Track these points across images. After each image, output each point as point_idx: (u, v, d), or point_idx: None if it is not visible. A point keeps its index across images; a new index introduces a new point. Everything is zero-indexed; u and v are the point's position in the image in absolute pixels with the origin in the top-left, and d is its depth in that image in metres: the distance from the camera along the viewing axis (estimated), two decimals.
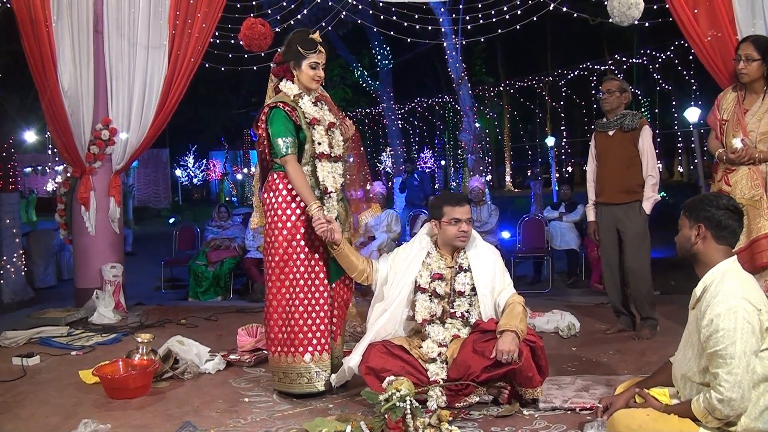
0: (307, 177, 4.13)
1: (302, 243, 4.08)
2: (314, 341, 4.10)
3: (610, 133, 5.49)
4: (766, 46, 4.68)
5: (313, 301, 4.12)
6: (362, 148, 4.68)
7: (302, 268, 4.10)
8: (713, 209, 2.87)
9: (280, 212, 4.11)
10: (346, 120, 4.48)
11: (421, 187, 11.85)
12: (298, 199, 4.07)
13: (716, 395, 2.66)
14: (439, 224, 4.02)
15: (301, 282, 4.10)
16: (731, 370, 2.63)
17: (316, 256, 4.13)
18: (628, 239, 5.39)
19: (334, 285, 4.23)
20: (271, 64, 4.38)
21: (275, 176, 4.15)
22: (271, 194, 4.15)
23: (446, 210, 3.98)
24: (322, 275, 4.15)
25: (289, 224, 4.09)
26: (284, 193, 4.11)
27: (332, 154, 4.19)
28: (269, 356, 4.24)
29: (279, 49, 4.35)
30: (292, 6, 7.88)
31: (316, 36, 4.22)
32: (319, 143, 4.14)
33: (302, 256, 4.10)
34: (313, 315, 4.12)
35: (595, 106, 22.69)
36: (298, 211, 4.09)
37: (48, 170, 23.08)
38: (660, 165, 5.54)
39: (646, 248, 5.41)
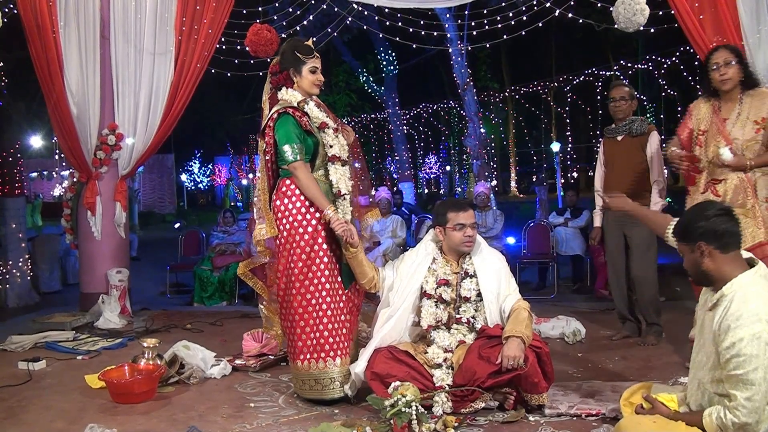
0: (321, 181, 4.14)
1: (324, 247, 4.05)
2: (341, 345, 4.07)
3: (619, 138, 5.50)
4: (738, 50, 4.63)
5: (339, 305, 4.11)
6: (363, 155, 4.67)
7: (327, 272, 4.05)
8: (703, 222, 2.76)
9: (299, 217, 4.04)
10: (346, 126, 4.48)
11: (410, 220, 10.42)
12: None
13: (732, 417, 2.61)
14: (443, 230, 4.03)
15: (327, 286, 4.04)
16: (751, 397, 2.57)
17: (335, 260, 4.12)
18: (634, 245, 5.39)
19: (347, 290, 4.22)
20: (269, 75, 4.34)
21: (288, 182, 4.10)
22: (286, 200, 4.08)
23: (450, 216, 3.98)
24: (340, 279, 4.15)
25: (310, 229, 4.03)
26: (302, 198, 4.06)
27: (342, 157, 4.20)
28: (296, 365, 4.12)
29: (272, 60, 4.34)
30: (298, 12, 7.92)
31: (310, 42, 4.26)
32: (331, 146, 4.16)
33: (325, 259, 4.06)
34: (341, 319, 4.10)
35: (600, 111, 22.70)
36: (317, 215, 4.05)
37: (54, 175, 23.13)
38: (666, 171, 5.50)
39: (653, 254, 5.39)
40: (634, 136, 5.40)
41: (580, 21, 7.23)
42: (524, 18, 7.23)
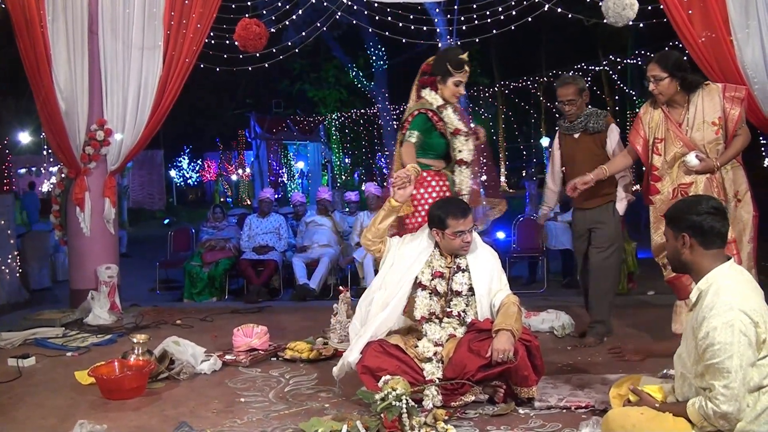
0: (449, 181, 4.66)
1: None
2: None
3: (576, 135, 5.28)
4: (672, 61, 4.54)
5: None
6: (483, 145, 5.04)
7: None
8: (694, 216, 2.81)
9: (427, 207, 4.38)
10: (478, 128, 4.95)
11: None
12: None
13: (713, 407, 2.64)
14: (442, 234, 4.01)
15: None
16: (728, 385, 2.61)
17: None
18: (597, 238, 5.23)
19: None
20: (420, 72, 4.75)
21: (425, 174, 4.54)
22: (422, 190, 4.54)
23: (451, 223, 3.96)
24: None
25: None
26: (429, 190, 4.54)
27: (467, 161, 4.70)
28: None
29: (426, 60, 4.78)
30: (287, 7, 7.87)
31: (465, 56, 4.63)
32: (460, 151, 4.65)
33: None
34: None
35: (589, 107, 22.69)
36: None
37: (42, 171, 22.98)
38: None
39: (616, 249, 5.22)
40: (591, 133, 5.19)
41: (570, 16, 7.23)
42: (513, 13, 7.22)
